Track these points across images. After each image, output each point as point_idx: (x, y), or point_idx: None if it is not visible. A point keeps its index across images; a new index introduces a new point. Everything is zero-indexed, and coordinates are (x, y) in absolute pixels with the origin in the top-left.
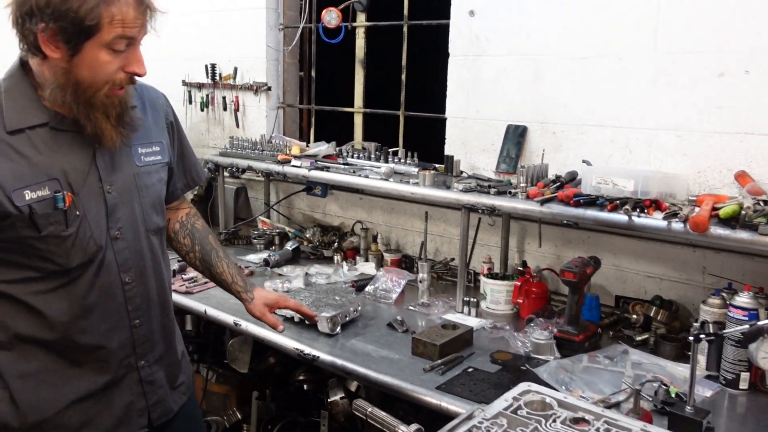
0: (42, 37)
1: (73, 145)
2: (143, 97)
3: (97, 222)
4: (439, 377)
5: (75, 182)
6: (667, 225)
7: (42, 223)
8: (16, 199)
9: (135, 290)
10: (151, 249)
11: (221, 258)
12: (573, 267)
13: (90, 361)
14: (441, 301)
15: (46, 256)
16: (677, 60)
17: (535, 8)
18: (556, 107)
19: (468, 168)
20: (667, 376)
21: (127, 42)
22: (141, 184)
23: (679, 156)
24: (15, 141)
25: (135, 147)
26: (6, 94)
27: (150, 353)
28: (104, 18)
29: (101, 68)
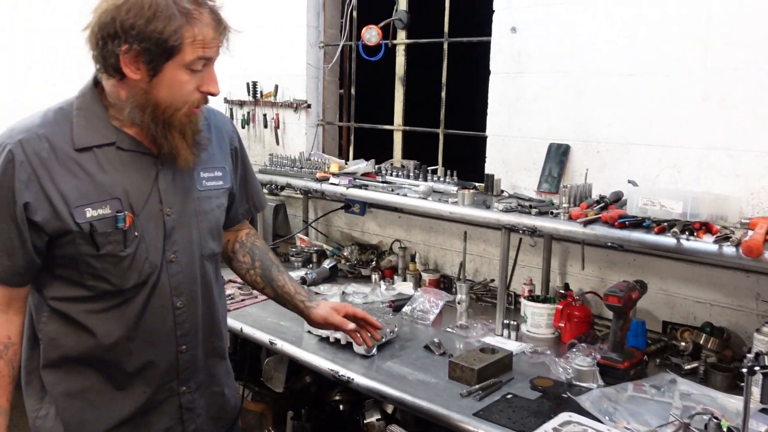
0: (124, 58)
1: (137, 166)
2: (210, 121)
3: (154, 244)
4: (476, 403)
5: (136, 203)
6: (718, 249)
7: (101, 242)
8: (77, 215)
9: (185, 315)
10: (203, 274)
11: (282, 272)
12: (618, 291)
13: (134, 384)
14: (480, 324)
15: (102, 275)
16: (729, 77)
17: (578, 24)
18: (601, 125)
19: (509, 187)
20: (718, 409)
21: (205, 62)
22: (200, 209)
23: (731, 176)
24: (82, 158)
25: (197, 171)
26: (78, 113)
27: (192, 379)
28: (186, 39)
29: (180, 88)
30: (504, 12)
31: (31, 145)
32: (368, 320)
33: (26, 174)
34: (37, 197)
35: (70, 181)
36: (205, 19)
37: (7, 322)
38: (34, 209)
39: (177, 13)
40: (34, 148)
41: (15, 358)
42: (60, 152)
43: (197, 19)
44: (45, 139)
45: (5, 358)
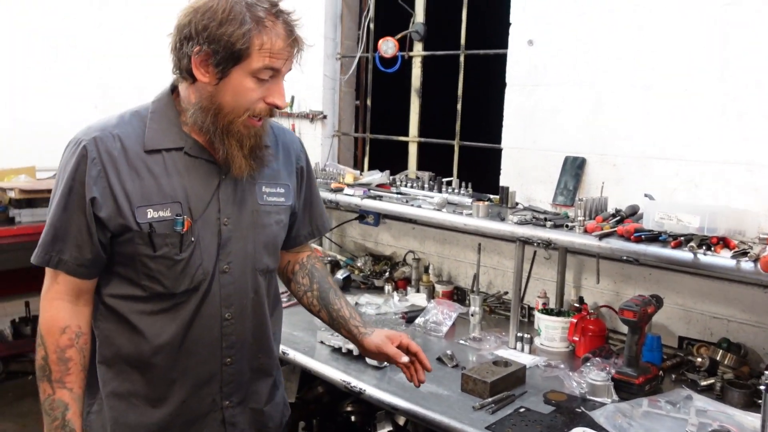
0: (195, 60)
1: (202, 173)
2: (279, 139)
3: (208, 252)
4: (489, 416)
5: (195, 209)
6: (736, 264)
7: (158, 243)
8: (138, 215)
9: (232, 327)
10: (255, 289)
11: (339, 297)
12: (633, 306)
13: (176, 392)
14: (493, 336)
15: (156, 276)
16: (747, 91)
17: (594, 37)
18: (617, 138)
19: (524, 200)
20: (734, 426)
21: (272, 73)
22: (258, 222)
23: (750, 191)
24: (150, 160)
25: (260, 185)
26: (152, 116)
27: (236, 394)
28: (254, 45)
29: (244, 95)
30: (521, 25)
31: (104, 143)
32: (420, 357)
33: (96, 170)
34: (104, 194)
35: (136, 181)
36: (277, 29)
37: (77, 312)
38: (100, 205)
39: (249, 19)
40: (106, 146)
41: (86, 347)
42: (130, 152)
43: (268, 27)
44: (118, 138)
45: (76, 346)
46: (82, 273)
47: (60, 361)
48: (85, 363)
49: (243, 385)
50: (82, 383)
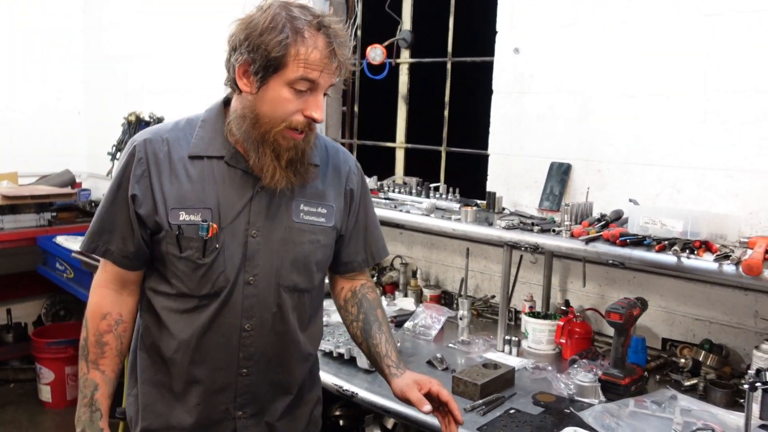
0: (238, 69)
1: (237, 183)
2: (330, 159)
3: (232, 261)
4: (480, 418)
5: (224, 217)
6: (719, 267)
7: (184, 245)
8: (171, 216)
9: (251, 339)
10: (279, 305)
11: (382, 332)
12: (619, 308)
13: (193, 394)
14: (481, 339)
15: (181, 276)
16: (728, 99)
17: (580, 46)
18: (602, 145)
19: (510, 205)
20: (718, 425)
21: (310, 85)
22: (289, 239)
23: (730, 196)
24: (191, 166)
25: (298, 202)
26: (202, 124)
27: (250, 406)
28: (290, 54)
29: (281, 105)
30: (507, 33)
31: (152, 145)
32: (451, 407)
33: (141, 170)
34: (144, 192)
35: (174, 184)
36: (316, 41)
37: (120, 301)
38: (140, 202)
39: (288, 29)
40: (153, 148)
41: (124, 334)
42: (174, 156)
43: (307, 38)
44: (166, 142)
45: (114, 332)
46: (126, 264)
47: (97, 344)
48: (121, 349)
49: (258, 399)
50: (115, 367)
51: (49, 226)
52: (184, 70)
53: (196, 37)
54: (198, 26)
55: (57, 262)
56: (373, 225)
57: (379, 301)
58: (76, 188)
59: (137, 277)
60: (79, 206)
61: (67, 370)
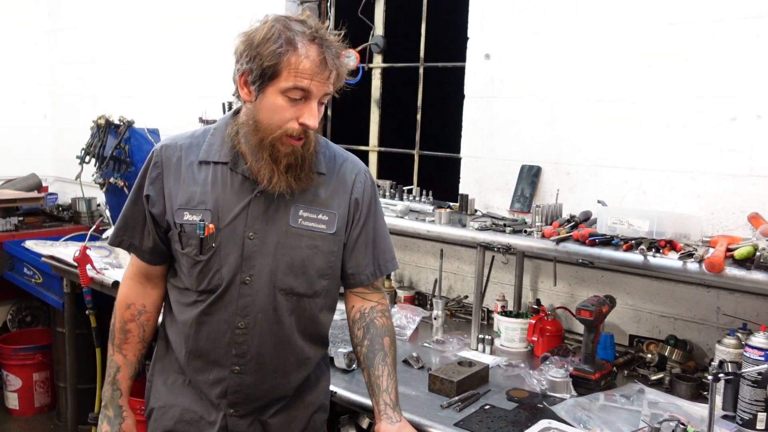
0: (239, 79)
1: (238, 188)
2: (336, 167)
3: (228, 261)
4: (456, 414)
5: (222, 219)
6: (683, 265)
7: (185, 242)
8: (177, 216)
9: (244, 337)
10: (275, 307)
11: (386, 364)
12: (589, 306)
13: (192, 386)
14: (455, 338)
15: (184, 271)
16: (690, 104)
17: (549, 53)
18: (570, 148)
19: (482, 207)
20: (683, 416)
21: (303, 94)
22: (285, 243)
23: (693, 197)
24: (199, 170)
25: (297, 207)
26: (213, 132)
27: (241, 405)
28: (283, 63)
29: (276, 113)
30: (478, 39)
31: (168, 150)
32: None
33: (155, 173)
34: (157, 194)
35: (182, 187)
36: (309, 52)
37: (144, 293)
38: (153, 202)
39: (283, 40)
40: (169, 154)
41: (147, 323)
42: (186, 161)
43: (299, 49)
44: (181, 148)
45: (137, 321)
46: (147, 258)
47: (122, 331)
48: (143, 336)
49: (251, 399)
50: (137, 353)
51: (16, 230)
52: (153, 72)
53: (165, 39)
54: (167, 28)
55: (25, 267)
56: (381, 236)
57: (388, 328)
58: (43, 192)
59: (159, 272)
60: (46, 210)
61: (35, 376)
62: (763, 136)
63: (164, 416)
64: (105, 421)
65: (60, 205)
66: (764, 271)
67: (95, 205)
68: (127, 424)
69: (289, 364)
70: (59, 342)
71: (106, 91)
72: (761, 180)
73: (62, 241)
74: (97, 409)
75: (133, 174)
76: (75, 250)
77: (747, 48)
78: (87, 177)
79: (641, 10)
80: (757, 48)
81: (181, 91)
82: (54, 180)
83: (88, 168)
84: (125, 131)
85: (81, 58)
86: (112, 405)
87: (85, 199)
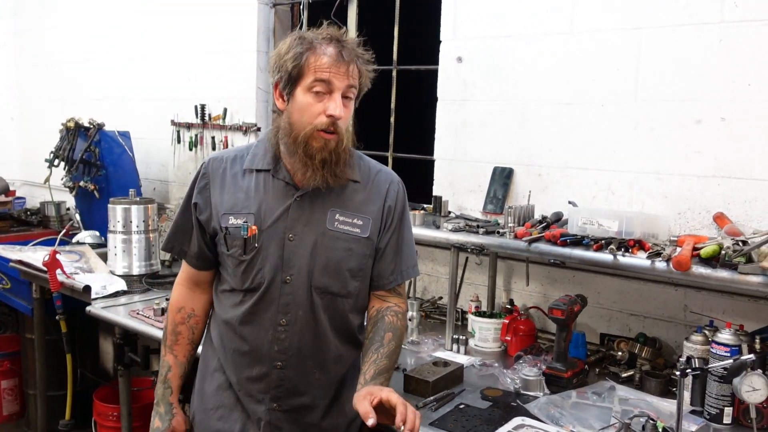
0: (275, 92)
1: (279, 193)
2: (372, 175)
3: (270, 261)
4: (431, 413)
5: (264, 221)
6: (651, 264)
7: (230, 244)
8: (222, 221)
9: (285, 335)
10: (311, 305)
11: (378, 352)
12: (561, 305)
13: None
14: (430, 339)
15: (229, 272)
16: (657, 107)
17: (520, 56)
18: (542, 150)
19: (455, 208)
20: (653, 411)
21: (326, 87)
22: (321, 245)
23: (660, 198)
24: (244, 178)
25: (333, 211)
26: (258, 143)
27: (284, 399)
28: (304, 63)
29: (306, 110)
30: (450, 42)
31: (215, 163)
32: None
33: (203, 183)
34: (205, 202)
35: (228, 194)
36: (327, 49)
37: (193, 298)
38: (201, 210)
39: (304, 45)
40: (215, 165)
41: (196, 326)
42: (231, 171)
43: (317, 49)
44: (227, 160)
45: (187, 324)
46: (195, 264)
47: (173, 333)
48: (193, 338)
49: (292, 395)
50: (187, 354)
51: None
52: (123, 74)
53: (136, 39)
54: (138, 29)
55: None
56: (405, 244)
57: (395, 326)
58: (11, 196)
59: (207, 278)
60: (14, 215)
61: (3, 384)
62: (727, 138)
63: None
64: (157, 417)
65: (28, 209)
66: (729, 269)
67: (65, 209)
68: (177, 420)
69: (327, 360)
70: (28, 348)
71: (75, 93)
72: (726, 181)
73: (31, 245)
74: (68, 417)
75: (103, 177)
76: (44, 255)
77: (711, 52)
78: (56, 181)
79: (606, 15)
80: (720, 52)
81: (152, 92)
82: (22, 184)
83: (57, 172)
84: (95, 134)
85: (48, 60)
86: (163, 402)
87: (54, 203)
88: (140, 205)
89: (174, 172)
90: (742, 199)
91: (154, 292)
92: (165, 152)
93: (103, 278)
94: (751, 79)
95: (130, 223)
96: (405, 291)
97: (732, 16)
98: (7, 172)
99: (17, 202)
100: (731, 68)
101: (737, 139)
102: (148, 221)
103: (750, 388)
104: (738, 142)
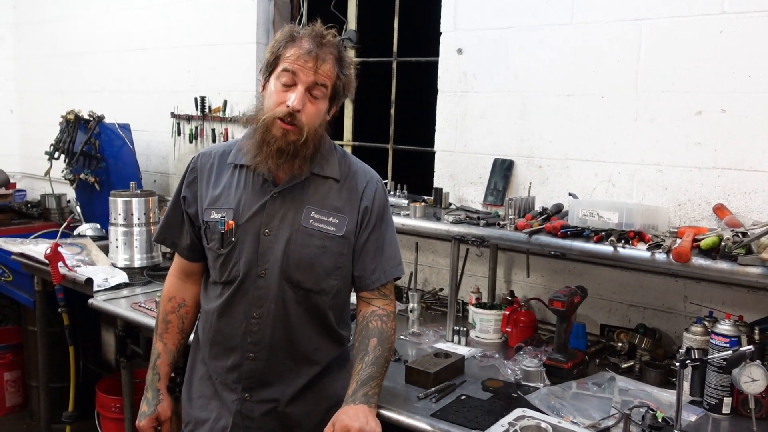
0: (262, 79)
1: (257, 189)
2: (349, 175)
3: (246, 254)
4: (433, 405)
5: (241, 215)
6: (651, 256)
7: (209, 237)
8: (205, 215)
9: (257, 327)
10: (283, 298)
11: (363, 362)
12: (562, 296)
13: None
14: (431, 331)
15: (211, 265)
16: (657, 99)
17: (520, 48)
18: (542, 142)
19: (456, 200)
20: (653, 402)
21: (291, 79)
22: (295, 241)
23: (660, 190)
24: (227, 173)
25: (309, 209)
26: (244, 136)
27: (255, 390)
28: (280, 54)
29: (271, 97)
30: (450, 34)
31: (204, 158)
32: None
33: (192, 177)
34: (193, 196)
35: (212, 189)
36: (302, 44)
37: (184, 288)
38: (189, 203)
39: (287, 36)
40: (204, 161)
41: (186, 316)
42: (217, 166)
43: (295, 42)
44: (215, 155)
45: (177, 313)
46: (185, 255)
47: (163, 322)
48: (183, 327)
49: (264, 385)
50: (176, 342)
51: None
52: (124, 66)
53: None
54: (137, 21)
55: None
56: (388, 245)
57: (380, 330)
58: (11, 189)
59: (197, 269)
60: (14, 208)
61: (6, 376)
62: (727, 129)
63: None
64: (144, 402)
65: (29, 202)
66: (729, 260)
67: (65, 202)
68: (163, 405)
69: (301, 353)
70: (30, 341)
71: (74, 85)
72: (726, 172)
73: (32, 238)
74: (71, 408)
75: (103, 170)
76: (46, 248)
77: (711, 44)
78: (56, 173)
79: (607, 6)
80: (720, 43)
81: (153, 84)
82: (22, 176)
83: (57, 164)
84: (95, 126)
85: (48, 53)
86: (151, 388)
87: (55, 196)
88: (141, 197)
89: (174, 164)
90: (742, 191)
91: (155, 284)
92: (165, 144)
93: (105, 271)
94: (751, 70)
95: (131, 215)
96: (392, 291)
97: (732, 8)
98: (7, 164)
99: (18, 195)
100: (732, 60)
101: (737, 131)
102: (149, 214)
103: (749, 379)
104: (738, 133)
